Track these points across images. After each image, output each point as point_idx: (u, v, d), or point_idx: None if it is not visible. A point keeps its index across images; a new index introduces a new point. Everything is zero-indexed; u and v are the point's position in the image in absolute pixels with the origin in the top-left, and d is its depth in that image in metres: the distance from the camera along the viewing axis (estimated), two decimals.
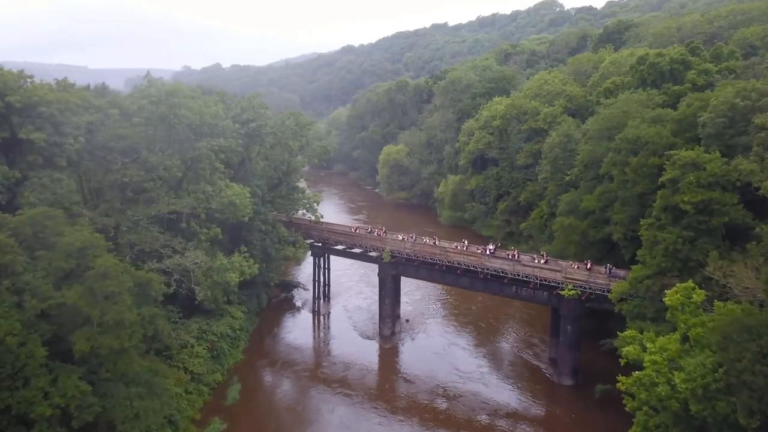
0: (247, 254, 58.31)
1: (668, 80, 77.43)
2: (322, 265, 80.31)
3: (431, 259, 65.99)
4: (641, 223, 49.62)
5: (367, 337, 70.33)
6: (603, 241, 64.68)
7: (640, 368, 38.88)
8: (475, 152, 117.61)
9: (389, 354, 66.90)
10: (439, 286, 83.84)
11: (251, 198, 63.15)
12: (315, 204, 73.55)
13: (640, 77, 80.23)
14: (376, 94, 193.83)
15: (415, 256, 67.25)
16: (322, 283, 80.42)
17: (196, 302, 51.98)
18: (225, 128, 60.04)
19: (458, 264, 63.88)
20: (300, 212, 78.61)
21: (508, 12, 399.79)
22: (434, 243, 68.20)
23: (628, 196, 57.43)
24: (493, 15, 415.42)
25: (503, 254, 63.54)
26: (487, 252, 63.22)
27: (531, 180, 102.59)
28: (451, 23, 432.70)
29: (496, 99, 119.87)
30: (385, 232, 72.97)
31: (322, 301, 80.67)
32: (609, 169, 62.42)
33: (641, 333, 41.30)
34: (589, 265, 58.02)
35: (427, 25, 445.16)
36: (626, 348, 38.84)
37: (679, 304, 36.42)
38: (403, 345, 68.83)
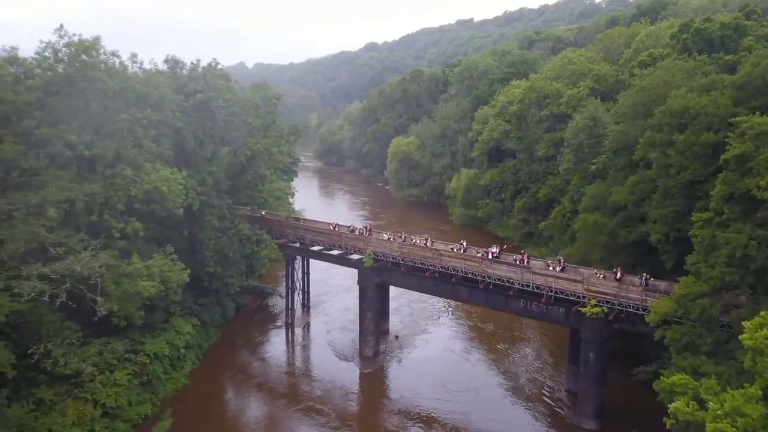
0: (174, 256, 46.21)
1: (718, 49, 63.91)
2: (300, 269, 68.36)
3: (422, 263, 53.35)
4: (693, 218, 36.23)
5: (345, 358, 57.78)
6: (637, 243, 51.47)
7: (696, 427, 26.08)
8: (490, 142, 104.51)
9: (369, 380, 54.25)
10: None
11: (199, 187, 51.38)
12: (289, 196, 61.03)
13: (682, 47, 66.63)
14: (389, 85, 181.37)
15: (402, 259, 54.66)
16: (300, 290, 68.29)
17: (96, 318, 39.73)
18: (162, 98, 48.13)
19: (454, 270, 51.16)
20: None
21: (536, 6, 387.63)
22: (426, 244, 55.46)
23: (671, 186, 44.30)
24: (520, 10, 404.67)
25: (509, 259, 50.56)
26: (489, 256, 50.30)
27: (552, 173, 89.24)
28: (476, 19, 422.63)
29: (514, 82, 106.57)
30: (369, 230, 60.44)
31: (300, 311, 68.58)
32: (646, 153, 49.30)
33: (696, 378, 28.13)
34: (618, 275, 44.80)
35: (453, 21, 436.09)
36: (674, 404, 25.70)
37: (766, 345, 23.24)
38: (388, 368, 56.19)
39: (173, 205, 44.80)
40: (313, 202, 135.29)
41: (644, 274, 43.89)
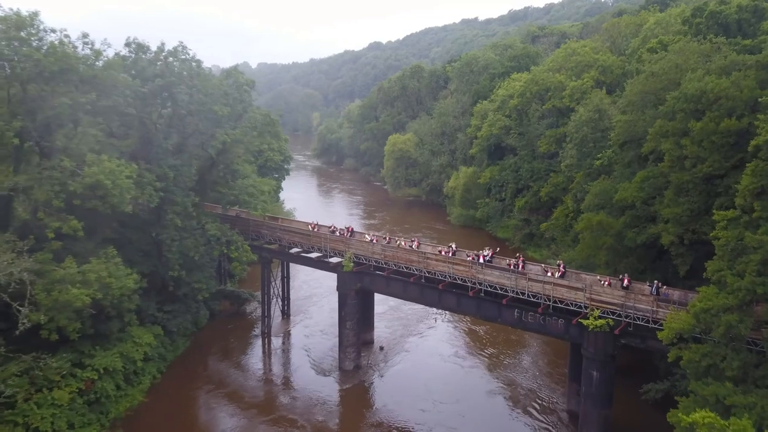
0: (118, 260, 40.94)
1: (735, 34, 58.59)
2: (279, 273, 63.19)
3: (407, 268, 47.99)
4: (716, 217, 30.71)
5: (323, 372, 52.37)
6: (646, 246, 46.00)
7: None
8: (489, 138, 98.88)
9: (348, 397, 48.83)
10: None
11: (158, 182, 46.14)
12: (266, 194, 55.65)
13: (696, 32, 61.26)
14: (389, 82, 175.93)
15: (385, 263, 49.34)
16: (279, 296, 63.00)
17: (16, 331, 34.45)
18: (114, 82, 42.93)
19: (441, 276, 45.77)
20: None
21: (542, 5, 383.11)
22: (412, 246, 50.07)
23: (686, 181, 38.89)
24: (526, 8, 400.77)
25: (503, 263, 45.11)
26: (480, 260, 44.85)
27: (555, 171, 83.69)
28: (481, 18, 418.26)
29: (515, 75, 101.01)
30: (351, 231, 55.07)
31: (280, 318, 63.34)
32: (656, 144, 43.80)
33: (720, 412, 22.66)
34: (625, 282, 39.31)
35: (457, 21, 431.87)
36: None
37: None
38: (370, 384, 50.73)
39: (119, 201, 39.46)
40: (307, 201, 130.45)
41: (655, 281, 38.42)
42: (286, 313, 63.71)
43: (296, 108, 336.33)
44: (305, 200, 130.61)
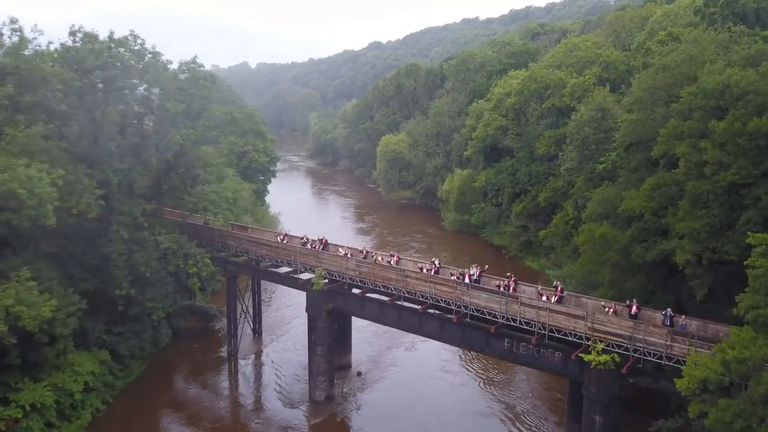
0: (32, 283, 35.08)
1: (753, 25, 52.90)
2: (251, 288, 57.49)
3: (384, 286, 42.16)
4: (750, 240, 24.79)
5: (291, 404, 46.44)
6: (656, 263, 40.18)
7: None
8: (485, 139, 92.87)
9: (318, 431, 43.05)
10: None
11: (99, 189, 40.40)
12: (231, 199, 49.84)
13: (709, 23, 55.53)
14: (384, 81, 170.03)
15: (361, 281, 43.53)
16: (249, 313, 57.27)
17: None
18: (42, 75, 37.20)
19: (422, 297, 39.95)
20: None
21: (543, 5, 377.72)
22: (390, 262, 44.21)
23: (706, 190, 33.09)
24: (527, 8, 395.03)
25: (492, 284, 39.21)
26: (466, 279, 38.96)
27: (554, 174, 77.77)
28: (482, 17, 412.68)
29: (512, 73, 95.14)
30: (324, 243, 49.18)
31: (251, 336, 57.61)
32: (669, 147, 38.01)
33: None
34: (634, 309, 33.42)
35: (458, 20, 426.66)
36: None
37: None
38: (344, 418, 44.85)
39: (39, 213, 33.68)
40: (296, 204, 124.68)
41: (668, 309, 32.52)
42: (257, 331, 57.95)
43: (295, 108, 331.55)
44: (295, 203, 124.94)
